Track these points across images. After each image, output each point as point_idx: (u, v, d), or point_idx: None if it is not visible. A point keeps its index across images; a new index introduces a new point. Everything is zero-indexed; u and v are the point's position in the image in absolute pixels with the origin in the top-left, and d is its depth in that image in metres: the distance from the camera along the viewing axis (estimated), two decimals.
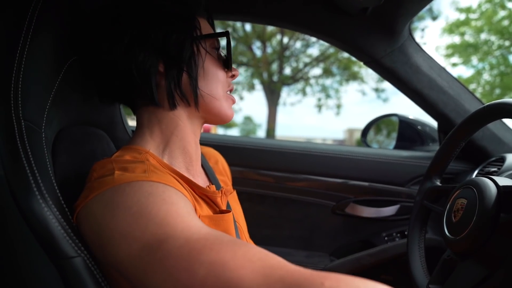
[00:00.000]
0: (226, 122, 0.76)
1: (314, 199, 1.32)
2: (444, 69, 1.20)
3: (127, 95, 0.74)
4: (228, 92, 0.76)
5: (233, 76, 0.77)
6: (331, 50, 12.33)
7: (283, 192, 1.32)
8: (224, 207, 0.72)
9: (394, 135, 1.54)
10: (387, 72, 1.18)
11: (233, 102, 0.77)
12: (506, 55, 9.56)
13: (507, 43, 9.36)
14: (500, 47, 9.53)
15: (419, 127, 1.49)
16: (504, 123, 1.20)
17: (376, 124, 1.61)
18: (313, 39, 11.28)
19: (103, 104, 0.89)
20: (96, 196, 0.55)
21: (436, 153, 0.93)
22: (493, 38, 9.51)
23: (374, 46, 1.13)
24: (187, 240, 0.48)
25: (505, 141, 1.18)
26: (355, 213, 1.30)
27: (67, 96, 0.74)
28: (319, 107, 14.91)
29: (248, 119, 28.73)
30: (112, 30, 0.68)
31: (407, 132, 1.50)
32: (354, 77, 13.35)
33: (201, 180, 0.78)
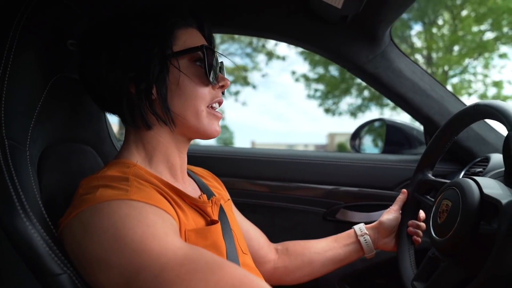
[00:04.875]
0: (210, 138, 0.74)
1: (305, 206, 1.32)
2: (426, 73, 1.22)
3: (111, 111, 0.75)
4: (216, 105, 0.75)
5: (223, 87, 0.75)
6: None
7: (274, 201, 1.33)
8: (215, 217, 0.72)
9: (383, 139, 1.56)
10: (370, 78, 1.20)
11: (218, 118, 0.74)
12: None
13: None
14: None
15: (406, 131, 1.51)
16: (487, 124, 1.22)
17: (364, 129, 1.63)
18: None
19: (89, 120, 0.90)
20: (77, 215, 0.55)
21: (427, 146, 0.94)
22: None
23: (356, 53, 1.15)
24: (162, 269, 0.49)
25: (489, 141, 1.20)
26: (346, 218, 1.30)
27: (52, 113, 0.75)
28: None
29: (223, 128, 28.83)
30: (88, 49, 0.70)
31: (395, 136, 1.51)
32: None
33: (192, 189, 0.78)
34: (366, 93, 11.89)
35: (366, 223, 1.29)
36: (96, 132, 0.93)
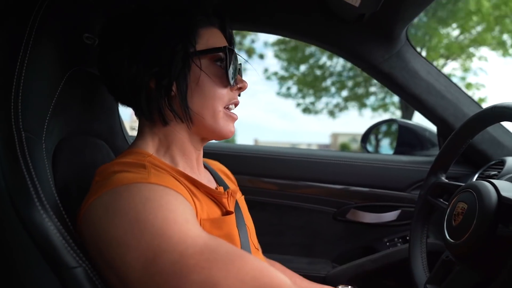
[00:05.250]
0: (224, 139, 0.74)
1: (315, 205, 1.31)
2: (442, 74, 1.20)
3: (127, 104, 0.75)
4: (232, 106, 0.75)
5: (240, 89, 0.75)
6: None
7: (284, 199, 1.32)
8: (231, 208, 0.72)
9: (395, 140, 1.55)
10: (385, 78, 1.19)
11: (234, 119, 0.74)
12: None
13: None
14: None
15: (418, 132, 1.49)
16: (503, 126, 1.20)
17: (376, 129, 1.62)
18: None
19: (103, 114, 0.90)
20: (95, 200, 0.55)
21: (441, 148, 0.93)
22: None
23: (372, 52, 1.14)
24: (181, 255, 0.48)
25: (504, 144, 1.18)
26: (356, 219, 1.29)
27: (68, 106, 0.75)
28: None
29: None
30: (110, 41, 0.69)
31: (407, 137, 1.50)
32: None
33: (207, 181, 0.78)
34: (344, 92, 11.95)
35: (376, 224, 1.29)
36: (109, 126, 0.93)
